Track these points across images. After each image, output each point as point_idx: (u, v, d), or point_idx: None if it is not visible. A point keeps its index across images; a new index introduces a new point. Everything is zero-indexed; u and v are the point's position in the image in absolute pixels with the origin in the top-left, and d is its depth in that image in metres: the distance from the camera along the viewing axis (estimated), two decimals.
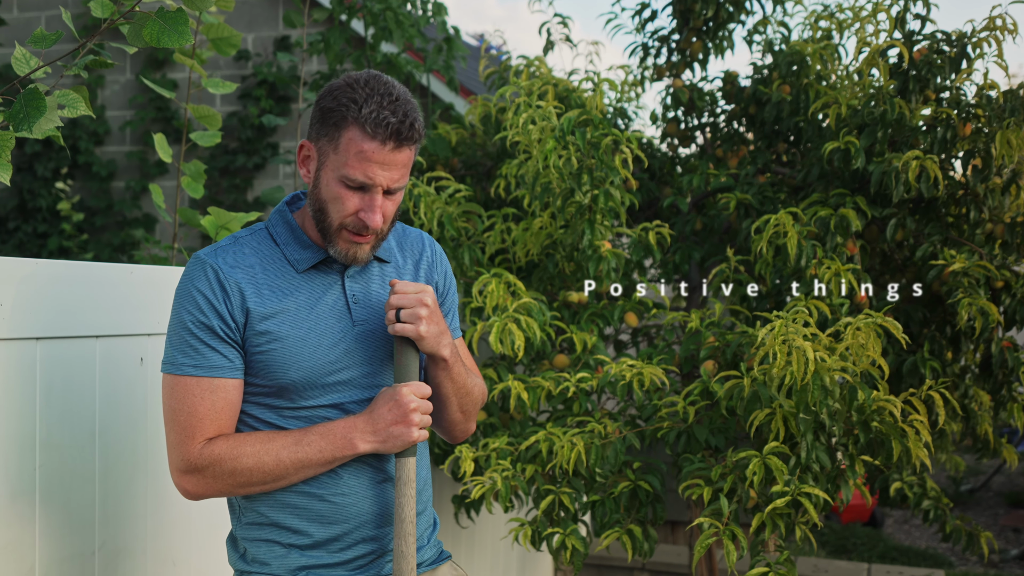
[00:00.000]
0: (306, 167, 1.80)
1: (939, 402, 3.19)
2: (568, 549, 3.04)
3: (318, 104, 1.76)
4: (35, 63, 2.23)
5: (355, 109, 1.69)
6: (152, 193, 3.07)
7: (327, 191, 1.75)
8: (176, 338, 1.77)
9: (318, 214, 1.78)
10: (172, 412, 1.76)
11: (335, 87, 1.75)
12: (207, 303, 1.75)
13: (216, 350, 1.75)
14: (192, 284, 1.76)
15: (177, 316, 1.77)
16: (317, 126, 1.75)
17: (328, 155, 1.74)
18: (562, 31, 4.54)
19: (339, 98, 1.71)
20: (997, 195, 3.62)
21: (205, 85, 2.94)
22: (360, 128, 1.70)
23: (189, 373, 1.74)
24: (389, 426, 1.75)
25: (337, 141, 1.72)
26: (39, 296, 1.94)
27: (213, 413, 1.75)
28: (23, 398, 1.92)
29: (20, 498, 1.93)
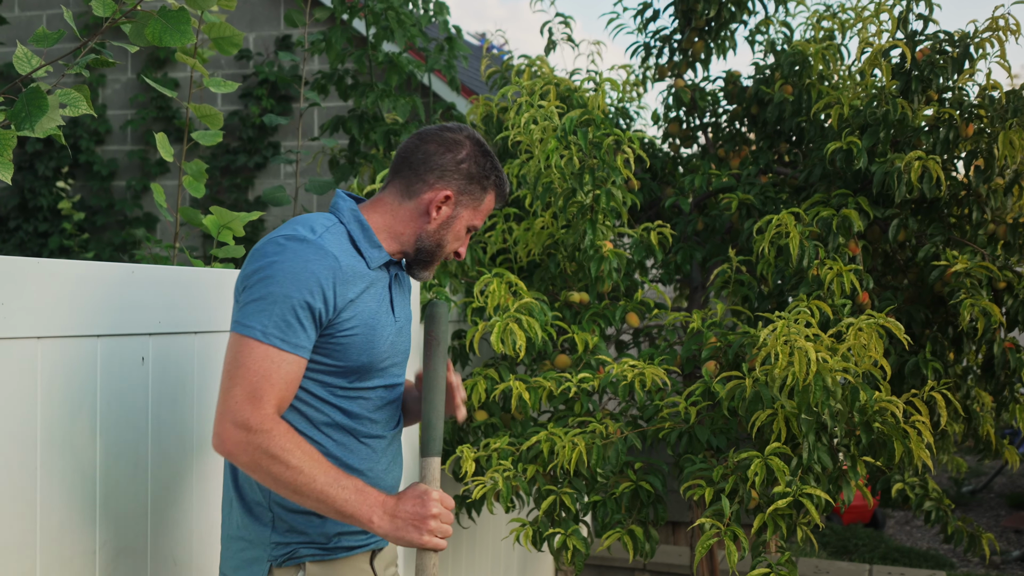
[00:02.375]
0: (437, 208, 2.06)
1: (941, 403, 3.19)
2: (569, 550, 3.04)
3: (461, 163, 2.07)
4: (37, 62, 2.23)
5: (496, 180, 2.12)
6: (153, 192, 3.07)
7: (454, 233, 2.10)
8: (275, 308, 1.84)
9: (435, 246, 2.08)
10: (245, 371, 1.82)
11: (475, 153, 2.08)
12: (319, 289, 1.86)
13: (306, 331, 1.87)
14: (309, 266, 1.86)
15: (283, 289, 1.84)
16: (462, 184, 2.07)
17: (467, 207, 2.10)
18: (564, 31, 4.54)
19: (483, 167, 2.09)
20: (999, 196, 3.61)
21: (207, 84, 2.94)
22: (496, 194, 2.14)
23: (276, 345, 1.83)
24: (407, 521, 1.83)
25: (479, 201, 2.11)
26: (40, 295, 1.93)
27: (283, 384, 1.84)
28: (23, 397, 1.92)
29: (21, 497, 1.93)
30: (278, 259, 1.87)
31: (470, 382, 3.40)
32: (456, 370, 3.77)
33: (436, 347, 1.86)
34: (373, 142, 4.55)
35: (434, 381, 1.83)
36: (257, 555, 1.99)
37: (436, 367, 1.84)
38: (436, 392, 1.83)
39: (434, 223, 2.06)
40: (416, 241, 2.07)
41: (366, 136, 4.58)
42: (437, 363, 1.84)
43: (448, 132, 2.08)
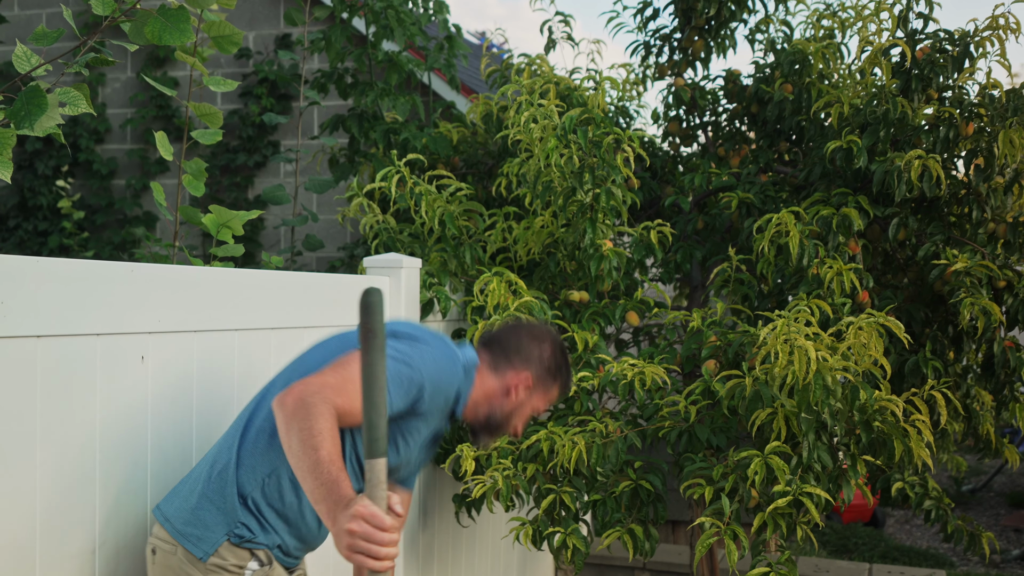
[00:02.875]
0: (516, 388, 2.34)
1: (941, 402, 3.19)
2: (569, 548, 3.04)
3: (545, 359, 2.37)
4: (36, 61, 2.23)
5: (565, 375, 2.42)
6: (153, 191, 3.06)
7: (522, 413, 2.39)
8: (404, 370, 2.07)
9: (503, 418, 2.36)
10: (349, 375, 1.98)
11: (556, 350, 2.40)
12: (440, 396, 2.17)
13: (405, 404, 2.10)
14: (445, 376, 2.18)
15: (422, 363, 2.11)
16: (541, 373, 2.37)
17: (538, 394, 2.39)
18: (564, 29, 4.54)
19: (559, 362, 2.40)
20: (999, 194, 3.61)
21: (206, 83, 2.93)
22: (560, 389, 2.44)
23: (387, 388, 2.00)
24: (337, 533, 1.76)
25: (549, 390, 2.41)
26: (40, 294, 1.93)
27: (355, 411, 1.99)
28: (23, 396, 1.92)
29: (20, 496, 1.93)
30: (436, 350, 2.17)
31: None
32: None
33: (372, 339, 1.72)
34: (373, 141, 4.54)
35: (373, 377, 1.71)
36: (216, 521, 2.07)
37: (374, 362, 1.71)
38: (376, 389, 1.71)
39: (510, 403, 2.35)
40: (489, 412, 2.35)
41: (366, 135, 4.58)
42: (375, 357, 1.71)
43: (537, 327, 2.43)
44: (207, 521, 2.08)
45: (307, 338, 2.83)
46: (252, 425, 2.16)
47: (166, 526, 2.09)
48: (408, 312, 3.31)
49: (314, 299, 2.86)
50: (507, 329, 2.40)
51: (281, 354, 2.71)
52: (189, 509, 2.09)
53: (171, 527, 2.09)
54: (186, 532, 2.07)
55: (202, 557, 2.05)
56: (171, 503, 2.14)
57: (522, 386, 2.35)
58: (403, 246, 3.79)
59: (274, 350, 2.68)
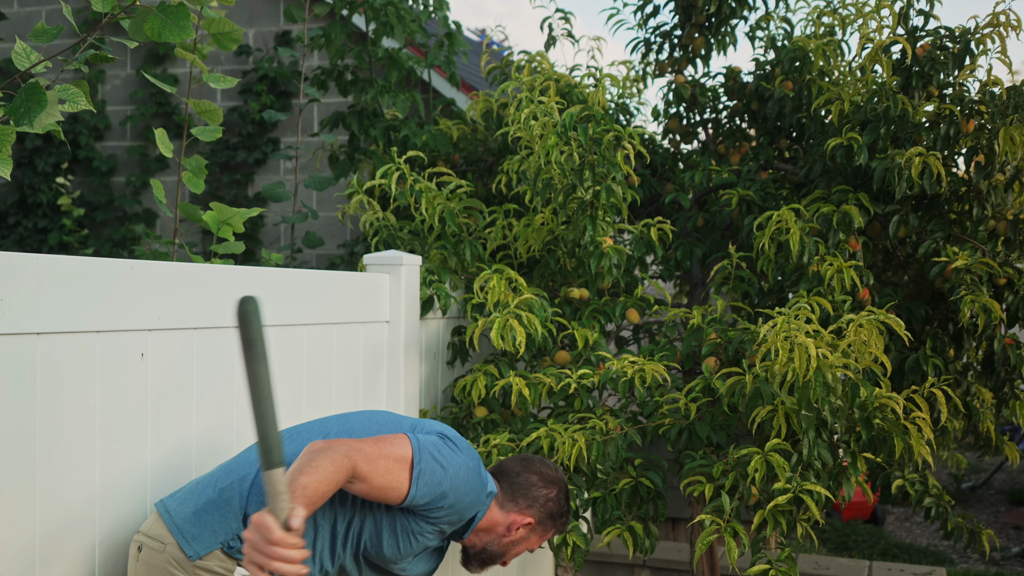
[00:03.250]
0: (517, 528, 2.41)
1: (941, 399, 3.19)
2: (569, 546, 3.04)
3: (548, 504, 2.44)
4: (36, 58, 2.22)
5: (564, 521, 2.49)
6: (153, 188, 3.06)
7: (516, 550, 2.45)
8: (439, 470, 2.16)
9: (499, 554, 2.43)
10: (384, 452, 2.10)
11: (561, 498, 2.45)
12: (455, 511, 2.23)
13: (425, 501, 2.16)
14: (469, 496, 2.24)
15: (455, 472, 2.19)
16: (543, 517, 2.44)
17: (536, 535, 2.46)
18: (564, 27, 4.53)
19: (562, 508, 2.47)
20: (1000, 192, 3.61)
21: (206, 80, 2.93)
22: (557, 531, 2.52)
23: (412, 478, 2.13)
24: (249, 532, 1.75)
25: (547, 532, 2.48)
26: (39, 291, 1.93)
27: (377, 485, 2.08)
28: (23, 393, 1.92)
29: (20, 494, 1.93)
30: (470, 467, 2.24)
31: (470, 378, 3.40)
32: (456, 366, 3.78)
33: (250, 350, 1.61)
34: (373, 138, 4.54)
35: (256, 389, 1.61)
36: (216, 528, 2.09)
37: (255, 373, 1.61)
38: (261, 401, 1.61)
39: (508, 539, 2.41)
40: (487, 544, 2.41)
41: (366, 132, 4.57)
42: (256, 368, 1.61)
43: (548, 470, 2.46)
44: (208, 524, 2.09)
45: (307, 335, 2.83)
46: None
47: (165, 518, 2.10)
48: (408, 309, 3.31)
49: (315, 296, 2.85)
50: (519, 467, 2.45)
51: (281, 352, 2.71)
52: (193, 510, 2.10)
53: (170, 520, 2.09)
54: (184, 529, 2.08)
55: (191, 556, 2.06)
56: (176, 498, 2.15)
57: (523, 526, 2.42)
58: (403, 243, 3.79)
59: (274, 347, 2.68)
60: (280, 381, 2.73)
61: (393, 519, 2.21)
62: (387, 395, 3.29)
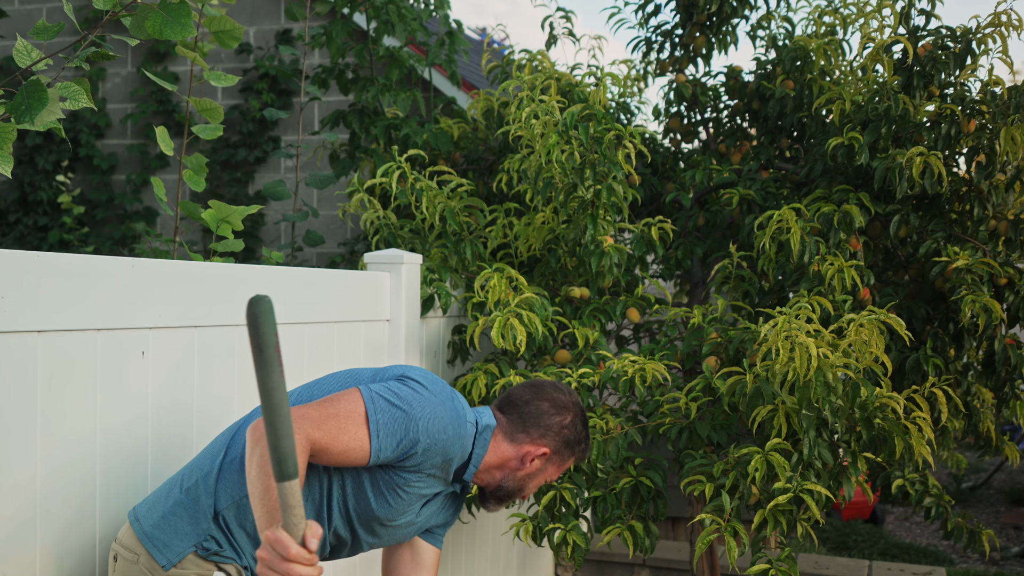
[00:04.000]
0: (531, 459, 2.25)
1: (941, 399, 3.19)
2: (569, 545, 3.04)
3: (564, 431, 2.27)
4: (36, 55, 2.22)
5: (583, 447, 2.33)
6: (153, 186, 3.06)
7: (535, 481, 2.30)
8: (400, 416, 2.01)
9: (516, 490, 2.28)
10: (333, 410, 1.95)
11: (577, 423, 2.29)
12: (433, 452, 2.07)
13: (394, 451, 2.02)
14: (445, 433, 2.07)
15: (421, 413, 2.04)
16: (559, 445, 2.27)
17: (554, 464, 2.30)
18: (565, 25, 4.53)
19: (579, 435, 2.30)
20: (1001, 192, 3.61)
21: (207, 78, 2.93)
22: (577, 459, 2.35)
23: (371, 430, 1.98)
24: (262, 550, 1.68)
25: (565, 460, 2.31)
26: (40, 289, 1.93)
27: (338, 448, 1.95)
28: (23, 391, 1.92)
29: (21, 492, 1.93)
30: (439, 403, 2.08)
31: (471, 377, 3.40)
32: (456, 365, 3.77)
33: (260, 355, 1.49)
34: (374, 136, 4.54)
35: (267, 399, 1.51)
36: (186, 530, 2.01)
37: (265, 380, 1.50)
38: (273, 411, 1.51)
39: (523, 472, 2.26)
40: (502, 480, 2.27)
41: (367, 130, 4.57)
42: (265, 376, 1.49)
43: (560, 395, 2.29)
44: (177, 528, 2.00)
45: (307, 333, 2.83)
46: (238, 441, 2.08)
47: (135, 526, 2.02)
48: (408, 308, 3.31)
49: (315, 295, 2.85)
50: (528, 394, 2.27)
51: (282, 350, 2.71)
52: (160, 514, 2.02)
53: (139, 528, 2.01)
54: (153, 536, 2.00)
55: (164, 565, 1.97)
56: (144, 504, 2.07)
57: (538, 457, 2.26)
58: (404, 242, 3.79)
59: None
60: None
61: (373, 476, 2.07)
62: None
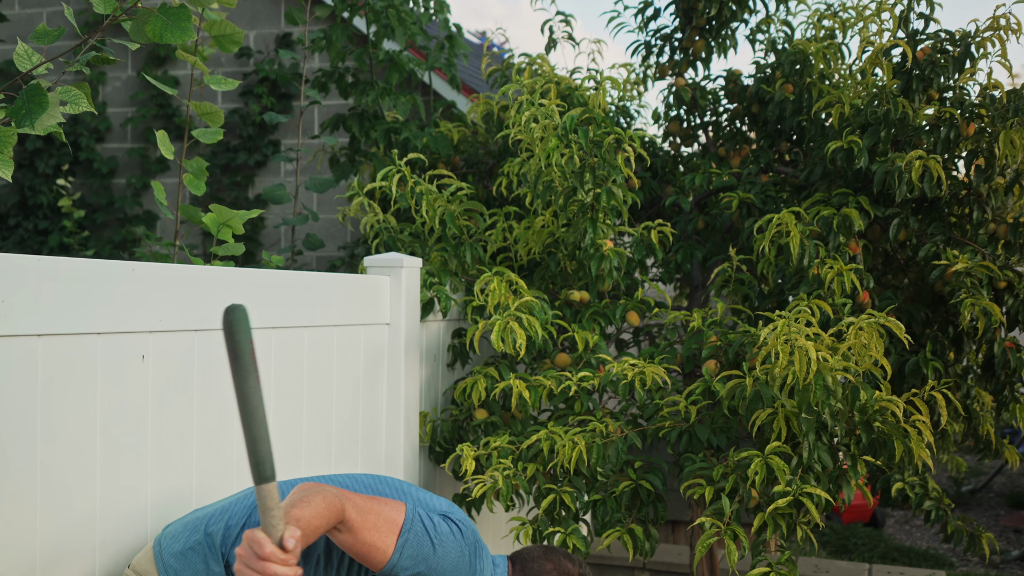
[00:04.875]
0: None
1: (941, 402, 3.19)
2: (569, 548, 3.04)
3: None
4: (37, 59, 2.23)
5: None
6: (154, 190, 3.06)
7: None
8: (427, 545, 2.09)
9: None
10: (378, 513, 2.04)
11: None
12: None
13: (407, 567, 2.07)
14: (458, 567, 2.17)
15: (443, 553, 2.13)
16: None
17: None
18: (564, 29, 4.53)
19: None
20: (1000, 195, 3.61)
21: (207, 82, 2.93)
22: None
23: (397, 544, 2.05)
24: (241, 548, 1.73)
25: None
26: (40, 293, 1.93)
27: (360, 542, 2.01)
28: (24, 394, 1.92)
29: (21, 495, 1.93)
30: (464, 554, 2.16)
31: (470, 380, 3.40)
32: (456, 368, 3.78)
33: (236, 362, 1.55)
34: (373, 140, 4.54)
35: (244, 402, 1.57)
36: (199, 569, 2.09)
37: (241, 386, 1.56)
38: (249, 414, 1.57)
39: None
40: None
41: (366, 134, 4.58)
42: (242, 382, 1.56)
43: (569, 564, 2.34)
44: (192, 565, 2.08)
45: (307, 337, 2.83)
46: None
47: (155, 549, 2.11)
48: (408, 311, 3.31)
49: (315, 298, 2.86)
50: (539, 552, 2.38)
51: (281, 353, 2.71)
52: (180, 548, 2.10)
53: (159, 552, 2.10)
54: (169, 565, 2.09)
55: None
56: (168, 532, 2.15)
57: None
58: (404, 245, 3.79)
59: (274, 349, 2.68)
60: (281, 383, 2.73)
61: None
62: (387, 397, 3.29)
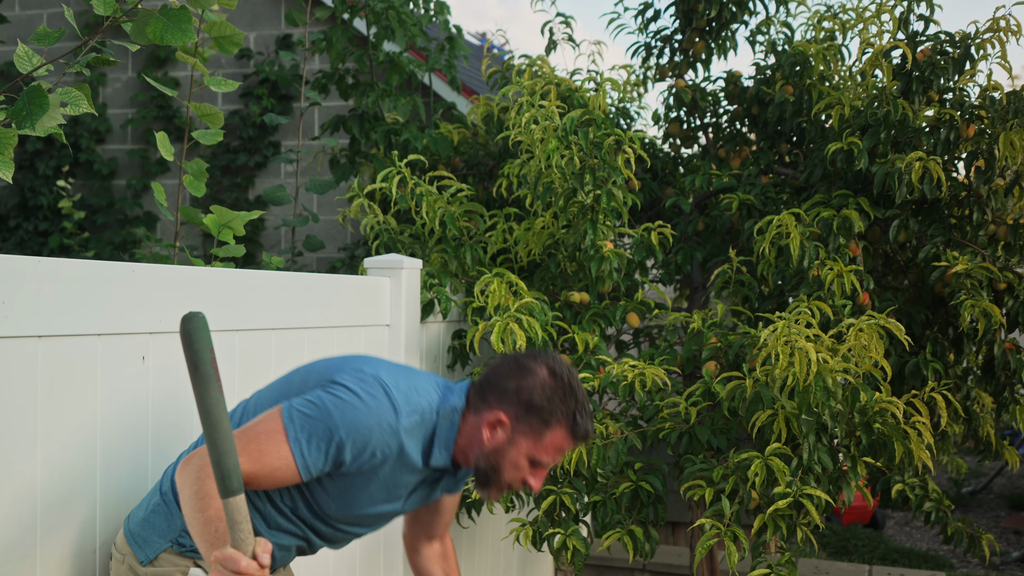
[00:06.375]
0: (492, 432, 2.01)
1: (941, 404, 3.19)
2: (569, 549, 3.04)
3: (524, 393, 2.00)
4: (37, 61, 2.23)
5: (569, 419, 2.00)
6: (154, 191, 3.06)
7: (512, 462, 2.02)
8: (321, 430, 1.91)
9: (490, 469, 2.03)
10: (255, 439, 1.90)
11: (544, 385, 2.00)
12: (361, 452, 1.93)
13: (322, 461, 1.92)
14: (372, 432, 1.92)
15: (335, 422, 1.90)
16: (520, 411, 2.00)
17: (526, 438, 2.01)
18: (564, 31, 4.53)
19: (549, 399, 1.99)
20: (1000, 197, 3.61)
21: (207, 83, 2.93)
22: (569, 433, 2.01)
23: (292, 447, 1.90)
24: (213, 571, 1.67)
25: (541, 435, 2.00)
26: (40, 294, 1.93)
27: (267, 472, 1.90)
28: (24, 396, 1.92)
29: (21, 497, 1.93)
30: (359, 402, 1.93)
31: None
32: (456, 369, 3.78)
33: (195, 373, 1.50)
34: (374, 141, 4.55)
35: (206, 414, 1.51)
36: (163, 528, 2.03)
37: (203, 397, 1.50)
38: (213, 428, 1.52)
39: (490, 446, 2.02)
40: (475, 459, 2.05)
41: (367, 135, 4.58)
42: (203, 393, 1.50)
43: (525, 358, 2.05)
44: (156, 526, 2.05)
45: (308, 338, 2.83)
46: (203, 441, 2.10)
47: (124, 527, 2.09)
48: (408, 312, 3.31)
49: (315, 300, 2.86)
50: (495, 362, 2.11)
51: (281, 354, 2.71)
52: (143, 515, 2.07)
53: (127, 527, 2.08)
54: (136, 534, 2.05)
55: (143, 561, 2.02)
56: (135, 509, 2.13)
57: (497, 427, 2.02)
58: (404, 247, 3.79)
59: (275, 350, 2.68)
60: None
61: (319, 483, 2.00)
62: None
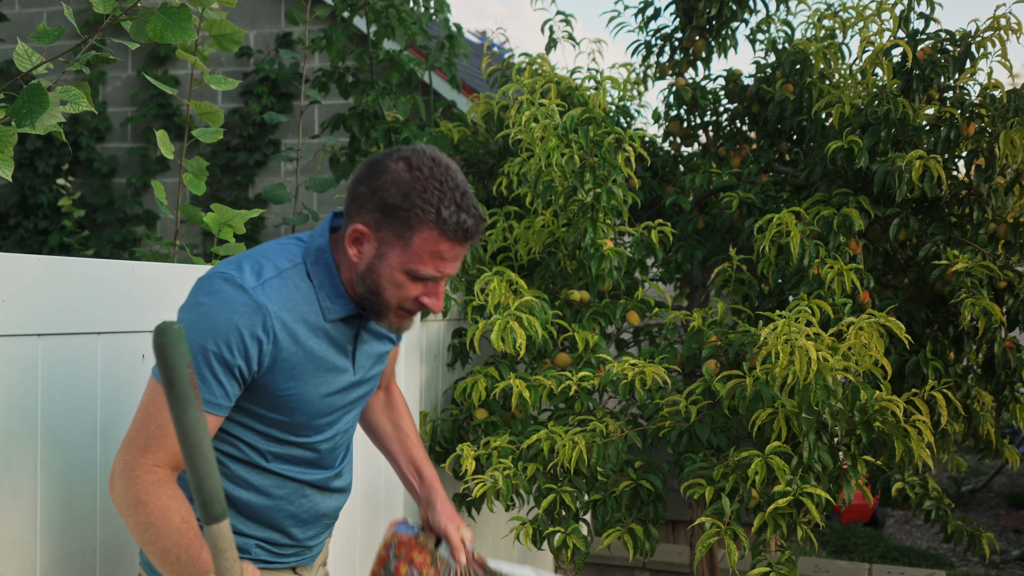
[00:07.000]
0: (358, 249, 1.73)
1: (941, 402, 3.19)
2: (569, 548, 3.04)
3: (378, 194, 1.68)
4: (37, 59, 2.23)
5: (432, 213, 1.66)
6: (154, 189, 3.06)
7: (387, 278, 1.72)
8: (192, 352, 1.67)
9: (371, 294, 1.74)
10: (148, 417, 1.68)
11: (400, 181, 1.67)
12: (241, 344, 1.66)
13: (223, 387, 1.68)
14: (232, 317, 1.65)
15: (199, 339, 1.64)
16: (378, 217, 1.69)
17: (394, 247, 1.70)
18: (564, 29, 4.53)
19: (411, 197, 1.66)
20: (1000, 195, 3.61)
21: (207, 82, 2.93)
22: (439, 231, 1.67)
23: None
24: None
25: (408, 239, 1.68)
26: (40, 292, 1.93)
27: (175, 442, 1.68)
28: (24, 395, 1.92)
29: (21, 495, 1.93)
30: (205, 302, 1.67)
31: (470, 380, 3.40)
32: (456, 368, 3.78)
33: (171, 391, 1.37)
34: (374, 140, 4.55)
35: (185, 438, 1.38)
36: None
37: (180, 418, 1.37)
38: (192, 451, 1.39)
39: (360, 264, 1.74)
40: (355, 284, 1.77)
41: (367, 134, 4.58)
42: (180, 413, 1.37)
43: (382, 156, 1.73)
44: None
45: None
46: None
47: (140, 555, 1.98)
48: None
49: None
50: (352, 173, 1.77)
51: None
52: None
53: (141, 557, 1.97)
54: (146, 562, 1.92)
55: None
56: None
57: (362, 241, 1.72)
58: None
59: None
60: None
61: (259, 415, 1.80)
62: None
